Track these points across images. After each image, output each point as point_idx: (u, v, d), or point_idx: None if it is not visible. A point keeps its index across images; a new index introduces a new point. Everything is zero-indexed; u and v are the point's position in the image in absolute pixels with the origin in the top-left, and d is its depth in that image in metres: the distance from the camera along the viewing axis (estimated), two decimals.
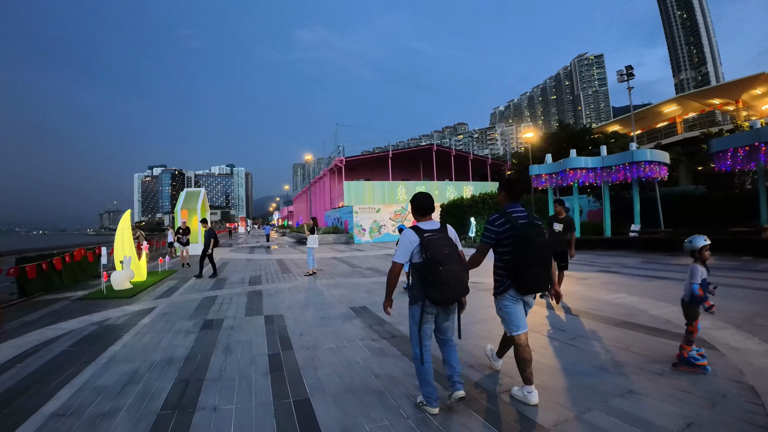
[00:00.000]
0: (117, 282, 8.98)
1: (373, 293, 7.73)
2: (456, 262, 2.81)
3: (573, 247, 6.45)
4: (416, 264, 2.91)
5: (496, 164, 42.02)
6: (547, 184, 17.08)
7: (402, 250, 2.92)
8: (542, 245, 2.99)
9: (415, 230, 2.92)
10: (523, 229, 2.94)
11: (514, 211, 3.10)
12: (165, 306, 7.20)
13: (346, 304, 6.94)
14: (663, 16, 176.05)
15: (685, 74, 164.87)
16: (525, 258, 2.91)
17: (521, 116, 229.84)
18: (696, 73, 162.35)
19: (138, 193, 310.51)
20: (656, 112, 39.50)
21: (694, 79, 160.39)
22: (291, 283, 9.49)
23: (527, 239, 2.91)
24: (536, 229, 3.00)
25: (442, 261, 2.74)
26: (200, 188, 22.27)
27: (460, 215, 22.42)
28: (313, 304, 7.02)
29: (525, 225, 2.98)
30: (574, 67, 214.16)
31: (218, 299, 7.65)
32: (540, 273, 2.95)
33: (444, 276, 2.72)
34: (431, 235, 2.84)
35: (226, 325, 5.70)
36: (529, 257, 2.91)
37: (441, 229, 2.94)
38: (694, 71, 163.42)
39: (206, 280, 10.32)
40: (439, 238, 2.84)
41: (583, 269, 9.96)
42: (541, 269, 2.96)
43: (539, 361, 3.71)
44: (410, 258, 2.92)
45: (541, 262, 2.98)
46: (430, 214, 3.09)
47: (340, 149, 34.87)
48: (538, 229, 3.02)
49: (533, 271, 2.92)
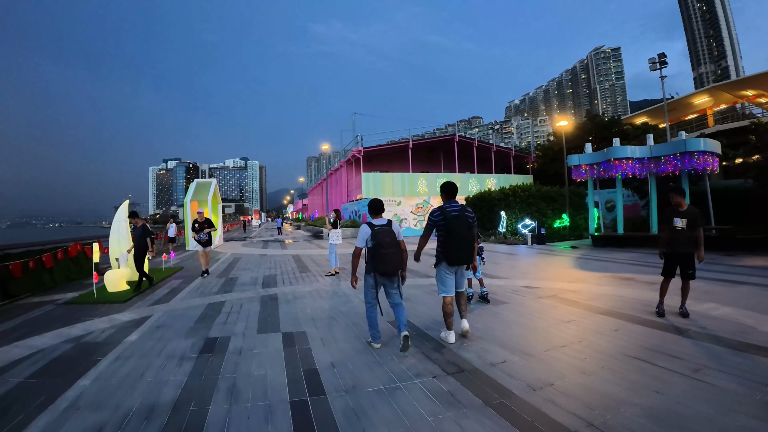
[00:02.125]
0: (111, 283, 7.87)
1: (415, 302, 6.40)
2: (393, 247, 4.00)
3: (702, 248, 4.98)
4: (369, 247, 4.07)
5: (520, 156, 40.15)
6: (587, 175, 15.66)
7: (360, 238, 4.15)
8: (461, 232, 4.08)
9: (369, 225, 4.10)
10: (451, 220, 4.09)
11: (449, 206, 4.22)
12: (161, 315, 6.00)
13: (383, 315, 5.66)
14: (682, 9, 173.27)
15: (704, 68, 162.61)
16: (451, 240, 4.08)
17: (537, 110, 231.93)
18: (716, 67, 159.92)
19: (152, 186, 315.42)
20: (686, 104, 37.51)
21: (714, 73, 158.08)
22: (311, 285, 8.24)
23: (452, 226, 4.07)
24: (461, 220, 4.11)
25: (383, 245, 3.96)
26: (212, 179, 21.18)
27: (488, 209, 20.78)
28: (341, 315, 5.73)
29: (453, 217, 4.11)
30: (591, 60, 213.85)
31: (226, 306, 6.43)
32: (461, 251, 4.11)
33: (384, 255, 3.96)
34: (379, 229, 4.04)
35: (232, 347, 4.44)
36: (453, 240, 4.07)
37: (387, 224, 4.13)
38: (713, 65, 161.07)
39: (213, 279, 9.15)
40: (383, 231, 4.03)
41: (642, 270, 8.64)
42: (461, 248, 4.10)
43: (670, 409, 2.70)
44: (366, 243, 4.10)
45: (461, 243, 4.09)
46: (381, 214, 4.31)
47: (358, 139, 33.46)
48: (462, 220, 4.12)
49: (456, 249, 4.10)
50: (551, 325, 4.95)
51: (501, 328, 4.86)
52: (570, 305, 5.88)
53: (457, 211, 4.16)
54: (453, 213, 4.13)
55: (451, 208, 4.17)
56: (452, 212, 4.13)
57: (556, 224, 18.79)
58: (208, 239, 9.64)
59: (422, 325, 5.13)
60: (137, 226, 8.40)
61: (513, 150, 40.03)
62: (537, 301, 6.27)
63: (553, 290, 6.98)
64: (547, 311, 5.60)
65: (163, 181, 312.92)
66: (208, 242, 9.70)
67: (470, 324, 4.72)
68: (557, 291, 6.90)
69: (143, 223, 8.49)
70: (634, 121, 37.10)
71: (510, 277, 8.35)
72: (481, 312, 5.68)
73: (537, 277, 8.45)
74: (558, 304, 5.96)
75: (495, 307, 5.92)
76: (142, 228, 8.34)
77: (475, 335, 4.58)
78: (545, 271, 9.27)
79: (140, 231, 8.30)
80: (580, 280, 7.91)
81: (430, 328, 4.97)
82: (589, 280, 7.81)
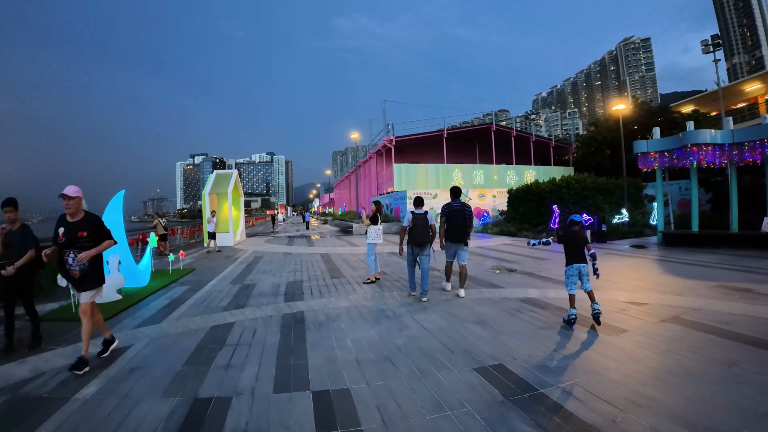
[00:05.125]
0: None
1: (496, 327, 4.56)
2: (420, 227, 6.16)
3: None
4: (409, 227, 6.25)
5: (561, 147, 37.43)
6: (656, 164, 13.64)
7: (406, 219, 6.33)
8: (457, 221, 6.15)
9: (411, 213, 6.26)
10: (452, 213, 6.19)
11: (453, 203, 6.26)
12: (144, 346, 4.38)
13: (459, 354, 3.86)
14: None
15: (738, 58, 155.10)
16: (450, 226, 6.21)
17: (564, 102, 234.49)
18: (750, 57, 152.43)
19: (180, 181, 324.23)
20: (736, 91, 34.18)
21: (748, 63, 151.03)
22: (347, 297, 6.50)
23: (451, 217, 6.19)
24: (458, 213, 6.16)
25: (417, 225, 6.15)
26: (232, 170, 19.78)
27: (536, 202, 18.79)
28: (399, 353, 3.94)
29: (455, 211, 6.17)
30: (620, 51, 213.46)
31: (234, 333, 4.76)
32: (456, 234, 6.17)
33: (414, 232, 6.17)
34: (418, 215, 6.19)
35: (231, 423, 2.73)
36: (451, 225, 6.19)
37: (423, 213, 6.22)
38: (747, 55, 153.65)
39: (225, 286, 7.57)
40: (419, 216, 6.18)
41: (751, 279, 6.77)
42: (456, 232, 6.16)
43: None
44: (408, 223, 6.26)
45: (456, 228, 6.16)
46: (422, 206, 6.35)
47: (390, 127, 31.56)
48: (459, 213, 6.15)
49: (452, 232, 6.20)
50: (722, 373, 3.23)
51: (656, 384, 3.06)
52: (711, 333, 4.22)
53: (458, 206, 6.18)
54: (455, 208, 6.18)
55: (454, 204, 6.23)
56: (454, 207, 6.19)
57: (614, 220, 16.73)
58: (86, 274, 3.94)
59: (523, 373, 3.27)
60: (12, 229, 4.59)
61: (553, 140, 37.39)
62: (661, 326, 4.53)
63: (668, 308, 5.30)
64: (693, 346, 3.87)
65: (191, 176, 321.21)
66: (87, 279, 3.97)
67: (603, 374, 3.22)
68: (675, 309, 5.21)
69: (21, 224, 4.62)
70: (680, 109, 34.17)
71: (597, 287, 6.41)
72: (604, 347, 3.92)
73: (631, 287, 6.58)
74: (695, 332, 4.27)
75: (616, 339, 4.17)
76: (20, 231, 4.57)
77: (628, 400, 2.77)
78: (634, 278, 7.37)
79: (17, 236, 4.54)
80: (688, 291, 6.17)
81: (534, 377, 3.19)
82: (699, 293, 6.04)
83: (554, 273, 8.12)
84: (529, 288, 6.83)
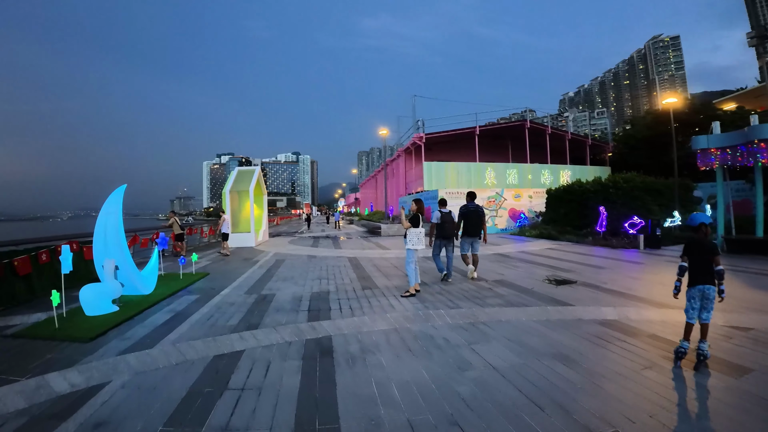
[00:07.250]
0: (89, 304, 5.48)
1: (586, 366, 3.30)
2: (449, 224, 7.52)
3: None
4: (436, 223, 7.50)
5: (597, 145, 35.37)
6: (717, 162, 12.04)
7: (435, 217, 7.46)
8: (472, 219, 7.77)
9: (440, 211, 7.51)
10: (468, 212, 7.78)
11: (470, 204, 7.85)
12: (122, 385, 3.36)
13: (552, 412, 2.70)
14: None
15: None
16: (467, 223, 7.76)
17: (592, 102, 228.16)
18: None
19: (207, 180, 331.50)
20: None
21: None
22: (384, 317, 5.34)
23: (468, 216, 7.76)
24: (473, 213, 7.79)
25: (445, 221, 7.50)
26: (254, 167, 18.99)
27: (579, 202, 17.25)
28: (467, 411, 2.76)
29: (471, 210, 7.79)
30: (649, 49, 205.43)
31: (241, 368, 3.68)
32: (471, 229, 7.75)
33: (445, 227, 7.51)
34: (445, 213, 7.49)
35: None
36: (467, 222, 7.75)
37: (449, 212, 7.55)
38: None
39: (239, 297, 6.57)
40: (446, 214, 7.50)
41: None
42: (471, 227, 7.74)
43: None
44: (437, 221, 7.46)
45: (471, 225, 7.74)
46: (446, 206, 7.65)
47: (419, 124, 30.25)
48: (474, 213, 7.79)
49: (469, 227, 7.74)
50: None
51: None
52: None
53: (474, 208, 7.87)
54: (471, 208, 7.85)
55: (471, 206, 7.90)
56: (471, 208, 7.87)
57: (665, 223, 15.10)
58: None
59: None
60: None
61: (589, 139, 35.26)
62: None
63: None
64: None
65: (217, 175, 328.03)
66: None
67: None
68: None
69: None
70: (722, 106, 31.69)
71: (674, 305, 5.04)
72: (737, 397, 2.74)
73: (721, 306, 5.18)
74: None
75: (744, 383, 3.05)
76: None
77: None
78: None
79: None
80: None
81: None
82: None
83: (621, 285, 6.92)
84: (602, 306, 5.55)
